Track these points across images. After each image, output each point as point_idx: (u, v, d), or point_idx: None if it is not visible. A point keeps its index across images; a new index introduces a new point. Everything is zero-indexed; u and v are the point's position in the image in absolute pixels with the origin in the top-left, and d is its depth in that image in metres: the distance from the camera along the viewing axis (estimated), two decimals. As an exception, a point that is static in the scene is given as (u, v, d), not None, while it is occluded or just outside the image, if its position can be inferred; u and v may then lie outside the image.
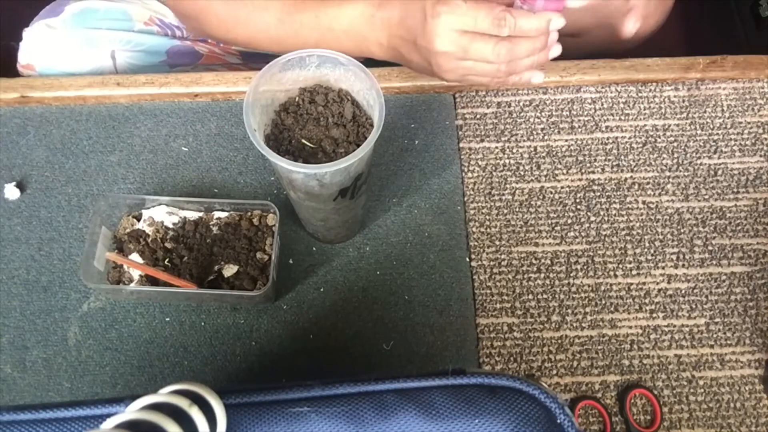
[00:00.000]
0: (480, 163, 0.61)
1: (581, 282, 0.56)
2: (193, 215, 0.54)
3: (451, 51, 0.49)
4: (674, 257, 0.57)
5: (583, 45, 0.79)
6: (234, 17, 0.57)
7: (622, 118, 0.63)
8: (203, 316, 0.54)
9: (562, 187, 0.60)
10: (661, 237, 0.58)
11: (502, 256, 0.57)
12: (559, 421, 0.31)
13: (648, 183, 0.60)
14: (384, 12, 0.53)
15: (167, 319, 0.54)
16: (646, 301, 0.56)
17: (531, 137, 0.62)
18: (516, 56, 0.49)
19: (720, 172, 0.61)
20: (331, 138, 0.45)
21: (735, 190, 0.60)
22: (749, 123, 0.63)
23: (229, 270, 0.52)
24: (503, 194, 0.60)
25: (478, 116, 0.63)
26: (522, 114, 0.64)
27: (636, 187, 0.60)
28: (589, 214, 0.59)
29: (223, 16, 0.58)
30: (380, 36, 0.54)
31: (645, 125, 0.63)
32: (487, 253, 0.57)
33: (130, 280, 0.52)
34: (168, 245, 0.53)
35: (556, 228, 0.58)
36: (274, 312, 0.55)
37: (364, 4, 0.54)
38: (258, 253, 0.53)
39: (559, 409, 0.31)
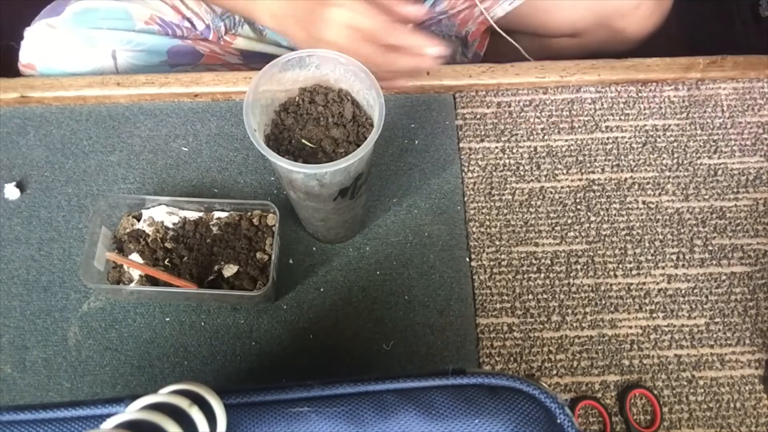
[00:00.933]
0: (480, 163, 0.61)
1: (581, 282, 0.56)
2: (193, 215, 0.55)
3: (341, 43, 0.52)
4: (674, 257, 0.57)
5: (582, 45, 0.79)
6: None
7: (622, 118, 0.63)
8: (203, 316, 0.54)
9: (562, 187, 0.60)
10: (661, 237, 0.58)
11: (502, 256, 0.57)
12: (559, 421, 0.31)
13: (648, 183, 0.60)
14: None
15: (167, 319, 0.54)
16: (646, 301, 0.56)
17: (531, 137, 0.62)
18: (397, 68, 0.53)
19: (720, 172, 0.61)
20: (331, 138, 0.45)
21: (735, 190, 0.60)
22: (749, 123, 0.63)
23: (229, 270, 0.52)
24: (503, 194, 0.60)
25: (478, 116, 0.63)
26: (522, 114, 0.64)
27: (636, 187, 0.60)
28: (589, 214, 0.59)
29: None
30: (272, 6, 0.55)
31: (645, 125, 0.63)
32: (487, 253, 0.57)
33: (130, 280, 0.52)
34: (168, 245, 0.53)
35: (556, 228, 0.58)
36: (274, 312, 0.55)
37: None
38: (258, 253, 0.53)
39: (559, 409, 0.31)
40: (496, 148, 0.62)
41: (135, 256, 0.52)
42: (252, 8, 0.57)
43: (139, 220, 0.54)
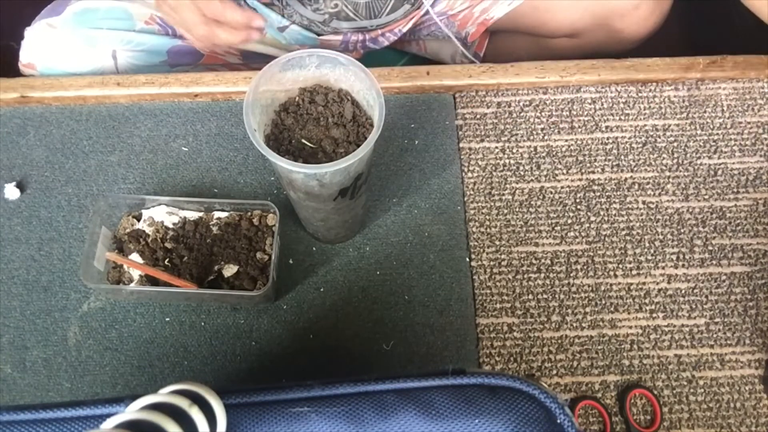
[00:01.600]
0: (480, 163, 0.61)
1: (581, 282, 0.56)
2: (193, 215, 0.55)
3: (170, 3, 0.57)
4: (674, 257, 0.57)
5: (581, 46, 0.79)
6: None
7: (622, 118, 0.63)
8: (203, 316, 0.54)
9: (562, 187, 0.60)
10: (661, 237, 0.58)
11: (502, 256, 0.57)
12: (559, 421, 0.31)
13: (648, 183, 0.60)
14: None
15: (167, 319, 0.54)
16: (646, 301, 0.56)
17: (531, 137, 0.62)
18: (216, 41, 0.57)
19: (720, 172, 0.61)
20: (331, 138, 0.45)
21: (735, 190, 0.60)
22: (749, 123, 0.63)
23: (229, 270, 0.52)
24: (503, 194, 0.60)
25: (478, 116, 0.63)
26: (522, 114, 0.64)
27: (636, 187, 0.60)
28: (589, 214, 0.59)
29: None
30: None
31: (645, 125, 0.63)
32: (487, 253, 0.57)
33: (130, 280, 0.52)
34: (168, 245, 0.53)
35: (556, 228, 0.58)
36: (274, 312, 0.55)
37: None
38: (258, 253, 0.53)
39: (559, 409, 0.31)
40: (496, 148, 0.62)
41: (135, 256, 0.52)
42: None
43: (139, 220, 0.54)
